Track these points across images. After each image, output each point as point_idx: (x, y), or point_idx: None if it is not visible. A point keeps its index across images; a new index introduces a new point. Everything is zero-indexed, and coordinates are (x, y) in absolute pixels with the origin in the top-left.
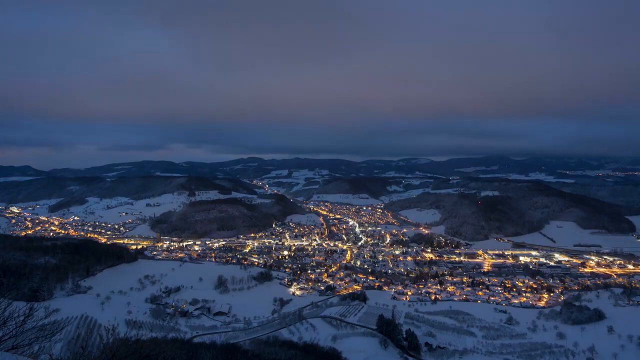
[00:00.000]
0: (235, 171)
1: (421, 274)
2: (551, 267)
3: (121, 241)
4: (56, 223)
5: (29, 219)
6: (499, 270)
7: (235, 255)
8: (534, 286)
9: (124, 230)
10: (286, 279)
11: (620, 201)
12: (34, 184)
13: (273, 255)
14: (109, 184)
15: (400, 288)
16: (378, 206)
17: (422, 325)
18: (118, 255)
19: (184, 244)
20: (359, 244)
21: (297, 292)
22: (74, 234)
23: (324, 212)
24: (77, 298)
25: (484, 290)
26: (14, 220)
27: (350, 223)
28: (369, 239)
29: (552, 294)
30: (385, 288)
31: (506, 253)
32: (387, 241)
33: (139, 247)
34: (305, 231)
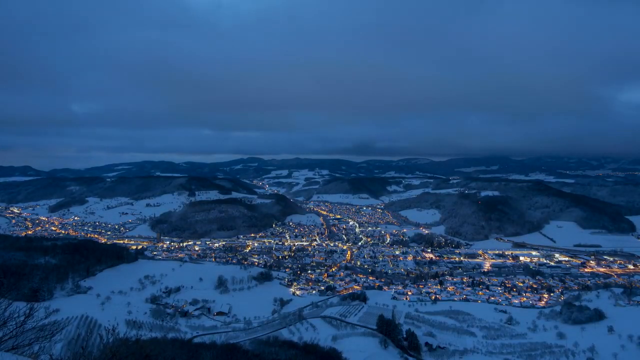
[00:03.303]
0: (235, 171)
1: (421, 274)
2: (551, 267)
3: (121, 241)
4: (56, 223)
5: (29, 219)
6: (499, 270)
7: (236, 256)
8: (534, 286)
9: (124, 231)
10: (286, 279)
11: (620, 201)
12: (34, 184)
13: (273, 255)
14: (109, 184)
15: (400, 288)
16: (378, 206)
17: (422, 325)
18: (118, 256)
19: (184, 244)
20: (359, 244)
21: (297, 292)
22: (74, 234)
23: (324, 212)
24: (77, 298)
25: (484, 290)
26: (14, 221)
27: (351, 223)
28: (369, 239)
29: (552, 294)
30: (386, 288)
31: (506, 253)
32: (387, 241)
33: (139, 247)
34: (305, 231)
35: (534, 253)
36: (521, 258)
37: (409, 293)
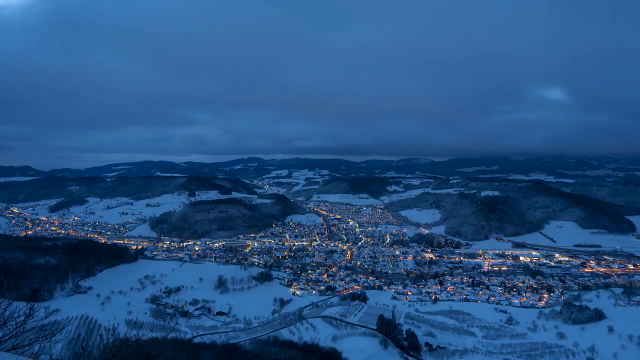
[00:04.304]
0: (235, 171)
1: (421, 274)
2: (551, 267)
3: (121, 241)
4: (56, 223)
5: (29, 219)
6: (499, 270)
7: (236, 256)
8: (534, 286)
9: (124, 231)
10: (286, 279)
11: (620, 201)
12: (34, 184)
13: (273, 255)
14: (109, 184)
15: (400, 288)
16: (378, 206)
17: (423, 325)
18: (118, 256)
19: (184, 244)
20: (359, 244)
21: (298, 292)
22: (74, 234)
23: (324, 212)
24: (77, 298)
25: (484, 290)
26: (14, 221)
27: (351, 223)
28: (369, 239)
29: (552, 294)
30: (386, 288)
31: (506, 253)
32: (387, 241)
33: (139, 247)
34: (306, 231)
35: (534, 253)
36: (521, 258)
37: (409, 293)
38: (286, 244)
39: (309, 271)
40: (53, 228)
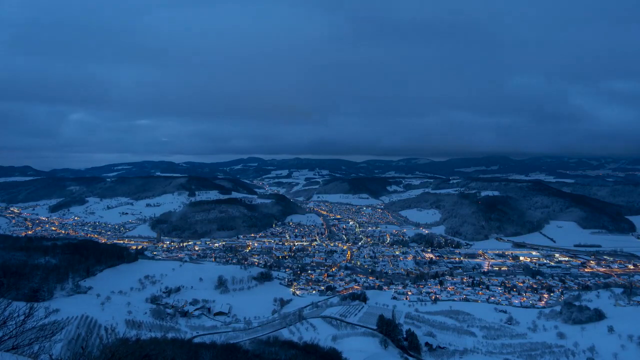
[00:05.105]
0: (235, 171)
1: (421, 274)
2: (551, 267)
3: (121, 241)
4: (56, 223)
5: (29, 219)
6: (499, 270)
7: (236, 256)
8: (534, 286)
9: (124, 231)
10: (286, 279)
11: (620, 201)
12: (34, 184)
13: (273, 255)
14: (109, 184)
15: (400, 288)
16: (378, 206)
17: (423, 325)
18: (118, 256)
19: (184, 244)
20: (359, 244)
21: (298, 292)
22: (74, 234)
23: (324, 212)
24: (77, 298)
25: (484, 290)
26: (14, 221)
27: (351, 223)
28: (369, 239)
29: (552, 294)
30: (386, 288)
31: (506, 253)
32: (387, 241)
33: (139, 247)
34: (306, 231)
35: (534, 253)
36: (521, 258)
37: (409, 293)
38: (286, 244)
39: (309, 271)
40: (53, 228)
